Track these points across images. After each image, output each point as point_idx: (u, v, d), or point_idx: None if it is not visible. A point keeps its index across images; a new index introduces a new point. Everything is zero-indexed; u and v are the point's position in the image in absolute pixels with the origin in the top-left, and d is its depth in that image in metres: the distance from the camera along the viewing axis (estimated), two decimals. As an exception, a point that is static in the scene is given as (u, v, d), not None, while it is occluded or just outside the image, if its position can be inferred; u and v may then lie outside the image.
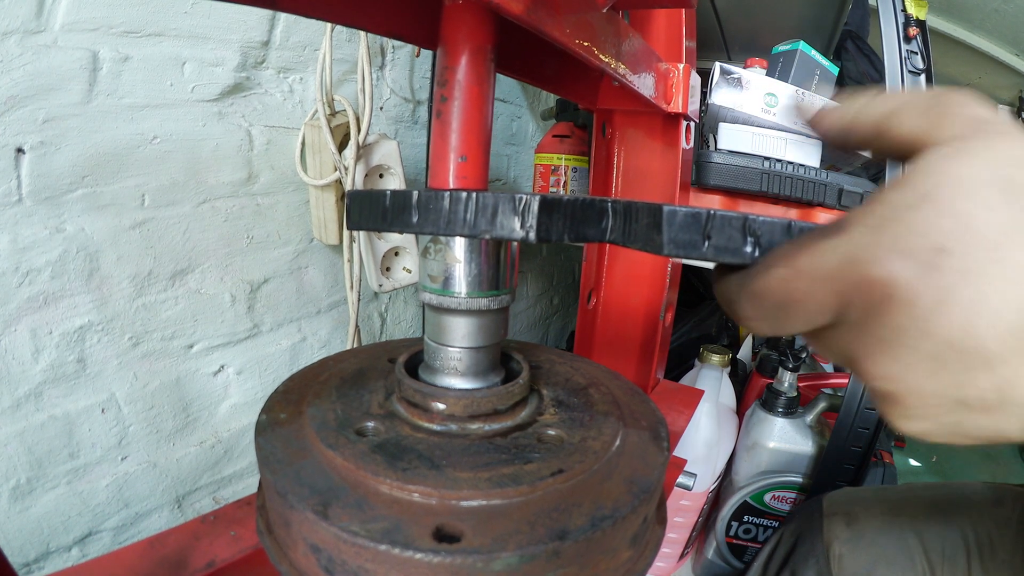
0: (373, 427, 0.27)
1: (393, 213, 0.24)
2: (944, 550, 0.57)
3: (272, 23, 0.73)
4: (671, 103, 0.53)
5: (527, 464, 0.25)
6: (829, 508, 0.67)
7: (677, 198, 0.58)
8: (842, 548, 0.62)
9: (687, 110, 0.54)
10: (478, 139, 0.29)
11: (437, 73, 0.29)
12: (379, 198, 0.24)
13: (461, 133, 0.29)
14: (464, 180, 0.29)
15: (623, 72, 0.40)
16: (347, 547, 0.21)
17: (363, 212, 0.25)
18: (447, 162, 0.29)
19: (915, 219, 0.17)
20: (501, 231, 0.22)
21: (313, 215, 0.81)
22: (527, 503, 0.23)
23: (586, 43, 0.33)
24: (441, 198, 0.23)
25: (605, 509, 0.23)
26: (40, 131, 0.56)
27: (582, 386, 0.34)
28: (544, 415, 0.30)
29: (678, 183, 0.58)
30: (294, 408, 0.29)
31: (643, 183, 0.61)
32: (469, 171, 0.29)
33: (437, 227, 0.23)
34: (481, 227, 0.22)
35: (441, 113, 0.29)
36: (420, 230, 0.23)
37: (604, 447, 0.27)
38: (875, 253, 0.18)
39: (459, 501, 0.22)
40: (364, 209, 0.25)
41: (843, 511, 0.65)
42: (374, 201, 0.25)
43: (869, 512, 0.63)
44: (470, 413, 0.28)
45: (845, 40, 1.11)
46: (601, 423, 0.29)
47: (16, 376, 0.58)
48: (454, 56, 0.28)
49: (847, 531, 0.63)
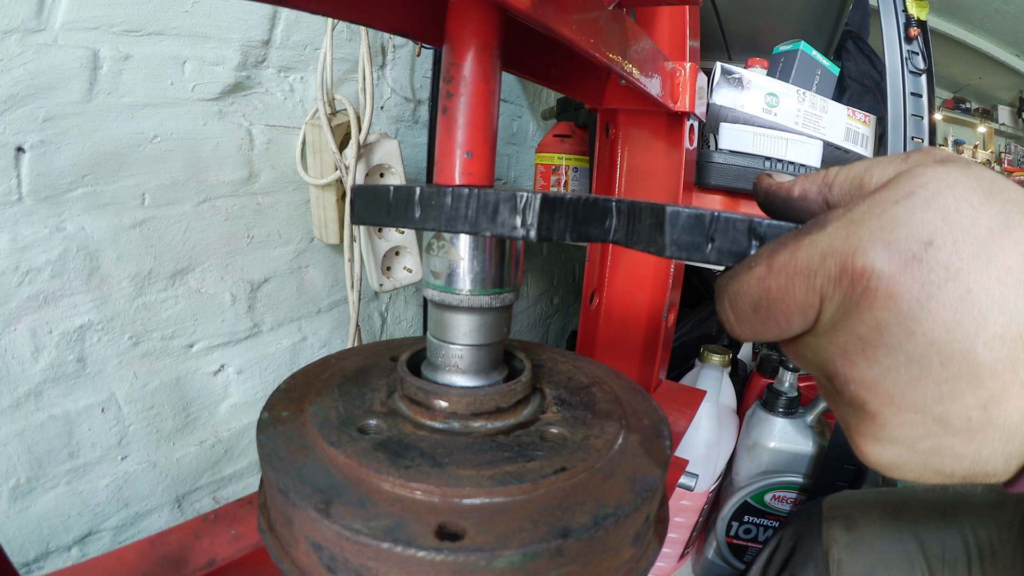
0: (375, 425, 0.27)
1: (396, 208, 0.24)
2: (944, 554, 0.57)
3: (273, 22, 0.73)
4: (678, 102, 0.53)
5: (530, 462, 0.25)
6: (828, 512, 0.66)
7: (680, 198, 0.58)
8: (841, 553, 0.61)
9: (694, 109, 0.54)
10: (484, 135, 0.29)
11: (443, 70, 0.29)
12: (383, 193, 0.24)
13: (467, 129, 0.28)
14: (470, 176, 0.29)
15: (630, 70, 0.40)
16: (349, 545, 0.21)
17: (367, 207, 0.25)
18: (453, 158, 0.29)
19: (899, 212, 0.16)
20: (502, 229, 0.22)
21: (314, 214, 0.81)
22: (530, 501, 0.23)
23: (592, 40, 0.33)
24: (444, 194, 0.23)
25: (608, 508, 0.23)
26: (40, 130, 0.56)
27: (584, 385, 0.34)
28: (547, 413, 0.30)
29: (681, 183, 0.58)
30: (296, 406, 0.29)
31: (647, 183, 0.61)
32: (475, 167, 0.29)
33: (439, 223, 0.23)
34: (482, 225, 0.22)
35: (447, 109, 0.29)
36: (422, 226, 0.23)
37: (607, 446, 0.27)
38: (856, 244, 0.17)
39: (461, 499, 0.22)
40: (368, 204, 0.25)
41: (842, 515, 0.65)
42: (378, 196, 0.25)
43: (868, 516, 0.63)
44: (473, 411, 0.27)
45: (846, 40, 1.11)
46: (603, 422, 0.29)
47: (16, 375, 0.58)
48: (460, 53, 0.28)
49: (846, 535, 0.62)
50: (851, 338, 0.17)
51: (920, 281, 0.16)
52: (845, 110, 0.79)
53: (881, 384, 0.17)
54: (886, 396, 0.17)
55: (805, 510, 0.71)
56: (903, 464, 0.18)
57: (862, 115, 0.81)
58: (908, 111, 0.69)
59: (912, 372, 0.16)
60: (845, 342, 0.17)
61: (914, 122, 0.70)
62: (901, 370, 0.16)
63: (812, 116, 0.77)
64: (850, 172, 0.20)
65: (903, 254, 0.16)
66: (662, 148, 0.59)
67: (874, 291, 0.16)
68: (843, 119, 0.79)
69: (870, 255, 0.16)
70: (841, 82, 0.95)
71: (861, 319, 0.17)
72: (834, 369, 0.18)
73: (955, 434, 0.17)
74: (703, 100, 0.57)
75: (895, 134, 0.70)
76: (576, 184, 0.95)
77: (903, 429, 0.17)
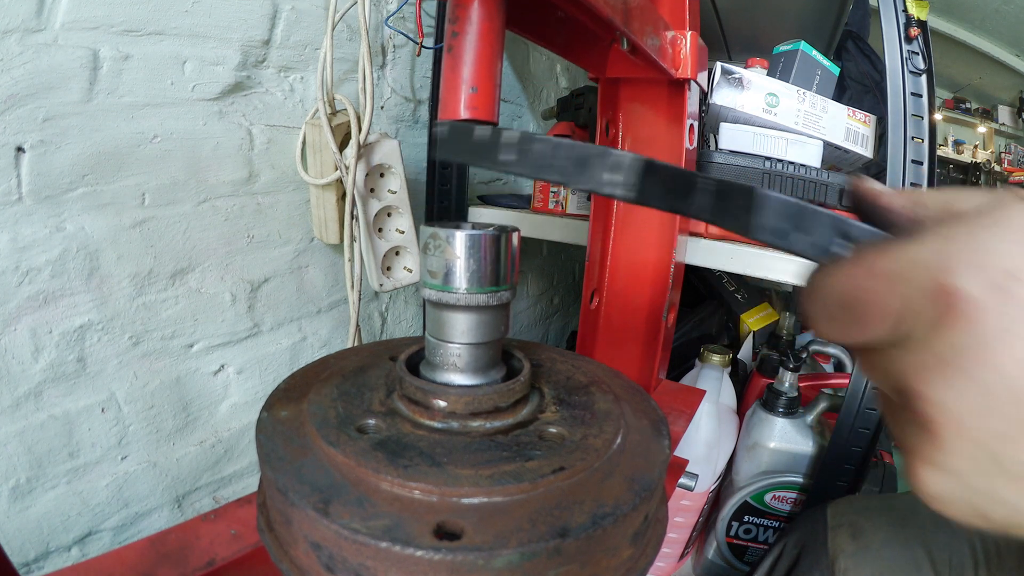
0: (374, 424, 0.27)
1: (490, 148, 0.23)
2: (951, 560, 0.56)
3: (273, 22, 0.73)
4: (680, 69, 0.54)
5: (528, 461, 0.25)
6: (833, 520, 0.65)
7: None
8: (847, 562, 0.60)
9: (695, 76, 0.55)
10: (489, 72, 0.29)
11: (448, 11, 0.29)
12: (481, 134, 0.24)
13: (473, 66, 0.29)
14: (475, 111, 0.29)
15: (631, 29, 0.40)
16: (348, 544, 0.21)
17: (458, 143, 0.25)
18: (458, 93, 0.29)
19: (989, 239, 0.16)
20: (601, 186, 0.21)
21: (314, 214, 0.81)
22: (528, 500, 0.23)
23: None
24: (551, 143, 0.22)
25: (606, 507, 0.23)
26: (40, 130, 0.56)
27: (583, 384, 0.33)
28: (545, 413, 0.30)
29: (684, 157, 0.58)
30: (295, 406, 0.29)
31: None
32: (480, 102, 0.29)
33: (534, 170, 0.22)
34: (582, 181, 0.22)
35: (452, 48, 0.29)
36: (517, 170, 0.23)
37: (605, 445, 0.27)
38: (948, 263, 0.17)
39: (460, 498, 0.22)
40: (459, 140, 0.25)
41: (848, 522, 0.64)
42: (471, 135, 0.24)
43: (875, 523, 0.62)
44: (471, 410, 0.27)
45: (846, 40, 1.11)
46: (602, 421, 0.29)
47: (16, 375, 0.58)
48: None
49: (852, 544, 0.62)
50: (930, 355, 0.17)
51: (1002, 312, 0.16)
52: (845, 110, 0.79)
53: (951, 407, 0.17)
54: (953, 420, 0.17)
55: (809, 517, 0.70)
56: (951, 498, 0.18)
57: (862, 115, 0.81)
58: (908, 111, 0.69)
59: (982, 402, 0.16)
60: (924, 358, 0.17)
61: (914, 122, 0.70)
62: (973, 397, 0.16)
63: (812, 116, 0.77)
64: (940, 195, 0.21)
65: (990, 281, 0.16)
66: (663, 122, 0.59)
67: (959, 312, 0.16)
68: (843, 119, 0.79)
69: (961, 275, 0.16)
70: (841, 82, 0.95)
71: (943, 338, 0.17)
72: (908, 383, 0.18)
73: (1006, 478, 0.16)
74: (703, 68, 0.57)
75: (895, 134, 0.70)
76: (576, 184, 0.95)
77: (961, 460, 0.17)
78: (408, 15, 0.91)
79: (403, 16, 0.91)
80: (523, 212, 0.98)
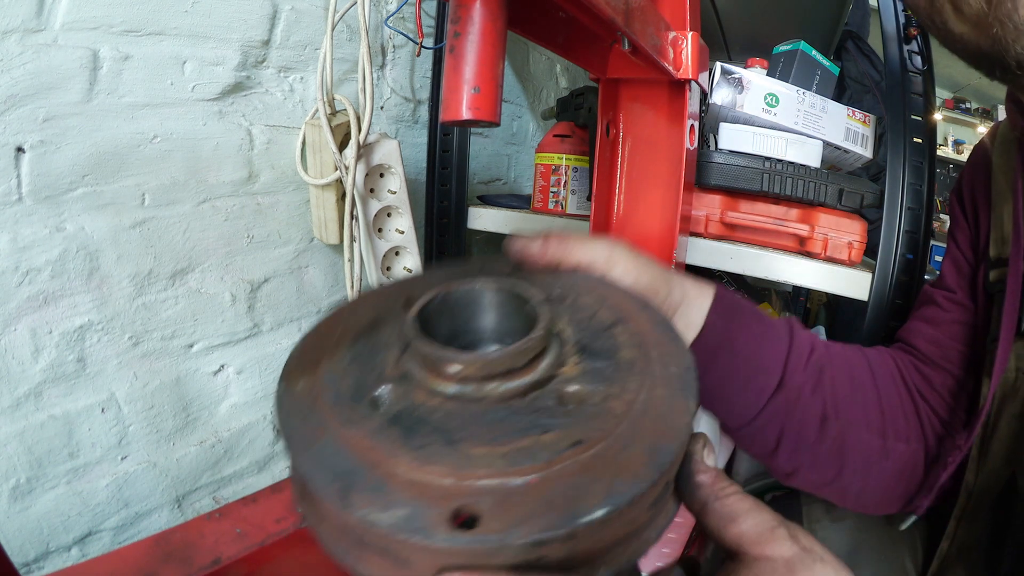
0: (388, 393, 0.27)
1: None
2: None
3: (273, 22, 0.73)
4: (680, 69, 0.54)
5: (544, 434, 0.24)
6: (806, 497, 0.66)
7: (683, 178, 0.58)
8: (824, 532, 0.62)
9: (696, 76, 0.55)
10: (491, 72, 0.29)
11: (450, 11, 0.30)
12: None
13: (475, 66, 0.29)
14: (477, 111, 0.29)
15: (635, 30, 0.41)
16: (370, 532, 0.21)
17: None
18: (460, 93, 0.29)
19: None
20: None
21: (313, 214, 0.81)
22: (545, 480, 0.22)
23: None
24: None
25: (624, 484, 0.22)
26: (40, 130, 0.56)
27: (608, 324, 0.31)
28: (565, 366, 0.28)
29: (684, 160, 0.58)
30: (310, 375, 0.28)
31: (648, 183, 0.61)
32: (482, 102, 0.29)
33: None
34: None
35: (454, 48, 0.29)
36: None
37: (626, 407, 0.26)
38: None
39: (475, 480, 0.22)
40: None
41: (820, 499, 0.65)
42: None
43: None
44: (485, 374, 0.27)
45: (845, 40, 1.11)
46: (626, 375, 0.28)
47: (16, 376, 0.58)
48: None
49: (827, 516, 0.63)
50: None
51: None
52: (845, 110, 0.80)
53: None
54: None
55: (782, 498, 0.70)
56: None
57: (862, 115, 0.81)
58: (908, 111, 0.70)
59: None
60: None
61: (914, 122, 0.70)
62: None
63: (812, 116, 0.77)
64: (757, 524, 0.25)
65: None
66: (664, 122, 0.60)
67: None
68: (843, 119, 0.79)
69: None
70: (841, 82, 0.95)
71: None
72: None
73: None
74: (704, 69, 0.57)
75: (895, 134, 0.70)
76: (576, 184, 0.96)
77: None
78: (408, 15, 0.91)
79: (403, 16, 0.91)
80: (523, 212, 0.98)
